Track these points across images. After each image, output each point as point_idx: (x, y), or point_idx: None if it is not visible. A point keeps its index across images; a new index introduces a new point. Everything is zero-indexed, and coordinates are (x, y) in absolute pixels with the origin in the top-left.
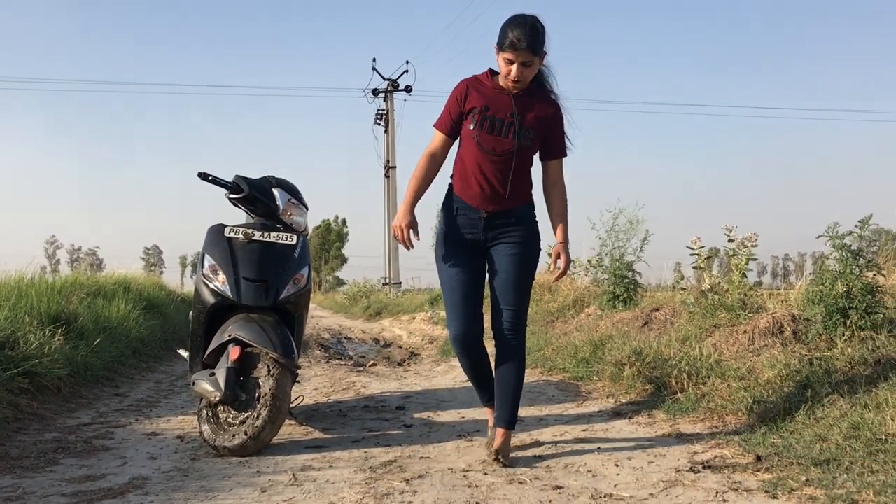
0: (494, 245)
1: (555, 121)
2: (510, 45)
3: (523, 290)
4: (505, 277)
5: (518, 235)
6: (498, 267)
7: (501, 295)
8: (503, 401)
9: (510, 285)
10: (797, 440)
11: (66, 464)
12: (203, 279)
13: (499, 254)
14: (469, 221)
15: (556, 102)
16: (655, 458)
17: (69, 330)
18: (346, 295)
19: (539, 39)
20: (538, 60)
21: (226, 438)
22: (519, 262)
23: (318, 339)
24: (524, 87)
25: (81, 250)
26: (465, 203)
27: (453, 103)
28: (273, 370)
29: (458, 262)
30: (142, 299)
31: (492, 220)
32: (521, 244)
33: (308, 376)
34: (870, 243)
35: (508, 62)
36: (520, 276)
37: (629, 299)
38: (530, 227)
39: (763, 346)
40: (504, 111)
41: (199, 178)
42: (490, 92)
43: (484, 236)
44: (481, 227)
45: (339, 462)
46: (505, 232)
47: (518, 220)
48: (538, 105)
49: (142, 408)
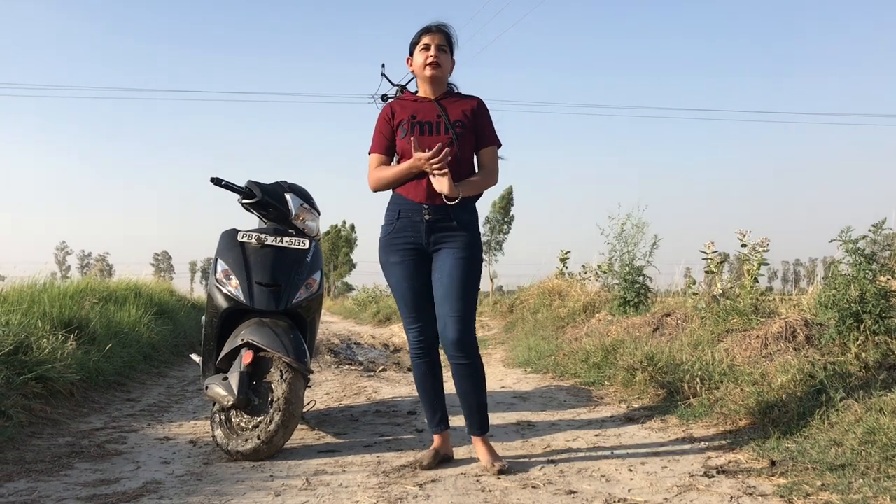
0: (437, 252)
1: (480, 112)
2: (424, 31)
3: (470, 294)
4: (448, 282)
5: (460, 241)
6: (441, 272)
7: (446, 301)
8: (471, 409)
9: (455, 291)
10: (812, 445)
11: (80, 468)
12: (216, 284)
13: (440, 260)
14: (411, 225)
15: (476, 97)
16: (669, 463)
17: (81, 335)
18: (355, 300)
19: (451, 33)
20: (450, 54)
21: (239, 443)
22: (460, 267)
23: (328, 344)
24: (442, 76)
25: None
26: (408, 202)
27: (383, 124)
28: (286, 374)
29: (404, 268)
30: (153, 304)
31: (434, 223)
32: (462, 248)
33: (319, 381)
34: (883, 247)
35: (425, 48)
36: (463, 281)
37: (640, 304)
38: (472, 233)
39: (776, 351)
40: (431, 114)
41: (212, 183)
42: (412, 104)
43: (426, 240)
44: (423, 230)
45: (352, 466)
46: (447, 237)
47: (460, 226)
48: (460, 102)
49: (154, 412)
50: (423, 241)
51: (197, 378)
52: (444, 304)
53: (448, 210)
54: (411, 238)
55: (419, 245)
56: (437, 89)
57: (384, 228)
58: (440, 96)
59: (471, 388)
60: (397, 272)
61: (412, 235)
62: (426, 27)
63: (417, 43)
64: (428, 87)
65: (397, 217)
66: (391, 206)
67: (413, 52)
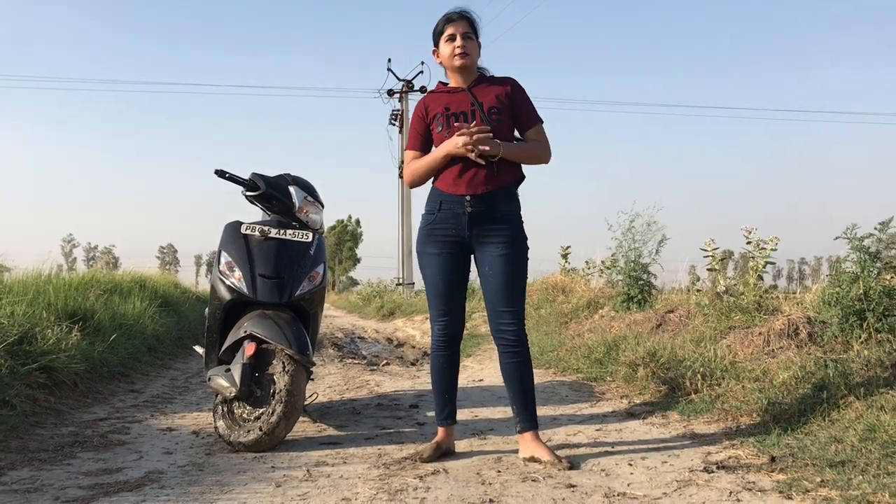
0: (481, 246)
1: (516, 93)
2: (447, 21)
3: (519, 289)
4: (502, 279)
5: (504, 235)
6: (493, 269)
7: (500, 296)
8: (522, 405)
9: (507, 286)
10: (812, 441)
11: (82, 457)
12: (219, 276)
13: (487, 255)
14: (453, 217)
15: (510, 78)
16: (669, 458)
17: (86, 326)
18: (359, 295)
19: (473, 17)
20: (476, 38)
21: (241, 434)
22: (510, 262)
23: (331, 338)
24: (472, 63)
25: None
26: (449, 195)
27: (417, 121)
28: (288, 367)
29: (441, 260)
30: (157, 297)
31: (476, 215)
32: (508, 244)
33: (322, 374)
34: (888, 245)
35: (450, 38)
36: (513, 275)
37: (643, 301)
38: (516, 227)
39: (778, 348)
40: (464, 104)
41: (217, 176)
42: (445, 95)
43: (468, 233)
44: (465, 223)
45: (353, 458)
46: (490, 232)
47: (503, 219)
48: (493, 87)
49: (157, 404)
50: (465, 233)
51: (200, 370)
52: (499, 300)
53: (492, 199)
54: (452, 230)
55: (460, 237)
56: (468, 77)
57: (424, 218)
58: (472, 84)
59: (527, 380)
60: (434, 263)
61: (453, 227)
62: (448, 16)
63: (442, 33)
64: (458, 77)
65: (438, 208)
66: (432, 196)
67: (438, 43)
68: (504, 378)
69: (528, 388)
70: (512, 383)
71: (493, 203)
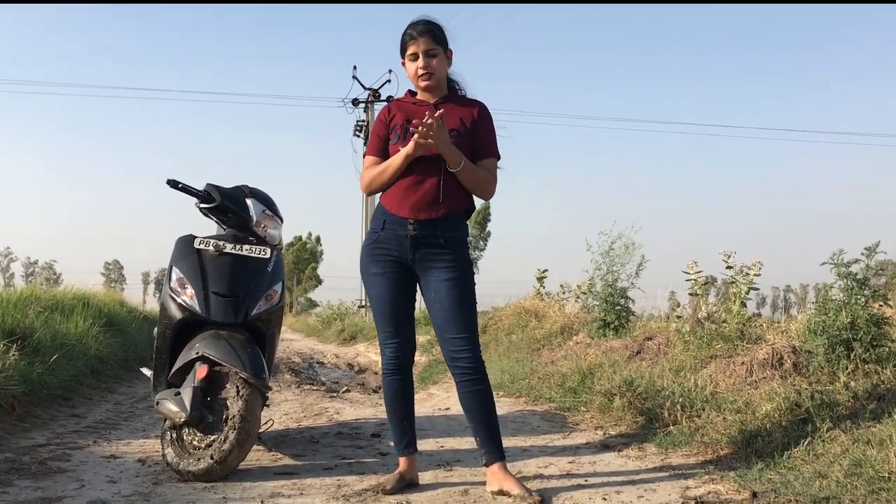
0: (425, 271)
1: (482, 120)
2: (408, 38)
3: (469, 314)
4: (449, 305)
5: (448, 260)
6: (438, 294)
7: (449, 323)
8: (486, 435)
9: (455, 312)
10: (795, 477)
11: (19, 485)
12: (170, 293)
13: (432, 280)
14: (396, 238)
15: (479, 102)
16: (645, 493)
17: (24, 345)
18: (318, 317)
19: (436, 29)
20: (443, 53)
21: (190, 462)
22: (456, 286)
23: (288, 363)
24: (437, 82)
25: (38, 264)
26: (392, 216)
27: (380, 126)
28: (242, 391)
29: (385, 279)
30: (101, 315)
31: (419, 239)
32: (453, 268)
33: (278, 401)
34: (877, 272)
35: (413, 58)
36: (460, 300)
37: (620, 327)
38: (460, 252)
39: (761, 379)
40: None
41: (169, 186)
42: (410, 106)
43: (412, 256)
44: (408, 245)
45: (311, 490)
46: (433, 257)
47: (447, 244)
48: (459, 108)
49: (100, 429)
50: (408, 256)
51: (147, 395)
52: (448, 327)
53: (435, 226)
54: (395, 251)
55: (403, 259)
56: (437, 93)
57: (368, 236)
58: (440, 99)
59: (489, 409)
60: (379, 284)
61: (396, 249)
62: (409, 33)
63: (405, 49)
64: (426, 93)
65: (382, 227)
66: (377, 213)
67: (404, 57)
68: (464, 408)
69: (490, 417)
70: (473, 413)
71: (437, 229)
